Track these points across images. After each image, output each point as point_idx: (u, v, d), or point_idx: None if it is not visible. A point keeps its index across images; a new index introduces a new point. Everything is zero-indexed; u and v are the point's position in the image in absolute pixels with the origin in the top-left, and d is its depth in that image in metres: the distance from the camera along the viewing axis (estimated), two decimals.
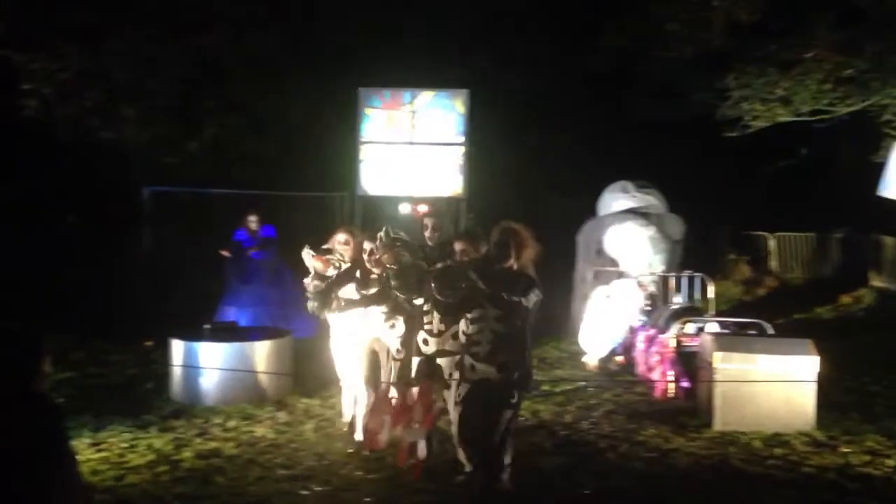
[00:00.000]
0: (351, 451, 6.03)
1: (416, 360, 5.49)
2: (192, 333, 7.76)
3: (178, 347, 7.64)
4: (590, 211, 11.67)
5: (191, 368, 7.45)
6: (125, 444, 6.31)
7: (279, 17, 14.39)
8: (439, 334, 5.35)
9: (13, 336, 3.33)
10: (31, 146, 13.25)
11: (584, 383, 8.53)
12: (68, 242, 13.09)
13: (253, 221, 10.49)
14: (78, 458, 5.73)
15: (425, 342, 5.43)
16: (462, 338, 5.11)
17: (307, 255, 5.84)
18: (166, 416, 7.11)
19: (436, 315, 5.31)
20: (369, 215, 12.21)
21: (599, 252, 10.90)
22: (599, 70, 15.25)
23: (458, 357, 5.21)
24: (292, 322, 9.12)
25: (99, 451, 6.15)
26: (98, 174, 13.75)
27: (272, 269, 10.46)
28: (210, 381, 7.44)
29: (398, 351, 5.78)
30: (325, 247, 6.01)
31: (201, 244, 11.35)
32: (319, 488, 5.39)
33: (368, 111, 12.57)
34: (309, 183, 14.16)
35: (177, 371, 7.61)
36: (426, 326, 5.38)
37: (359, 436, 6.00)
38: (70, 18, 12.59)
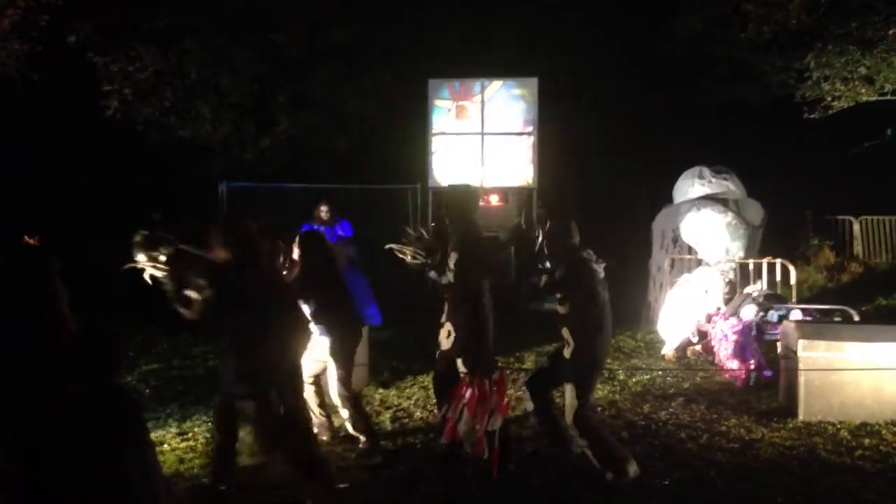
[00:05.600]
0: None
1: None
2: None
3: None
4: (665, 198, 11.47)
5: None
6: (209, 434, 6.46)
7: (350, 13, 14.54)
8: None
9: (95, 333, 3.45)
10: (117, 146, 13.70)
11: (660, 373, 8.40)
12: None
13: (324, 211, 10.52)
14: (165, 447, 5.98)
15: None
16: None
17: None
18: None
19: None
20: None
21: (676, 240, 10.73)
22: (673, 54, 14.97)
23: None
24: (365, 309, 9.07)
25: (185, 440, 6.32)
26: (179, 172, 14.13)
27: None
28: None
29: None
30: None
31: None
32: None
33: (438, 103, 12.59)
34: (381, 175, 14.28)
35: None
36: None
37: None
38: (146, 20, 12.97)
